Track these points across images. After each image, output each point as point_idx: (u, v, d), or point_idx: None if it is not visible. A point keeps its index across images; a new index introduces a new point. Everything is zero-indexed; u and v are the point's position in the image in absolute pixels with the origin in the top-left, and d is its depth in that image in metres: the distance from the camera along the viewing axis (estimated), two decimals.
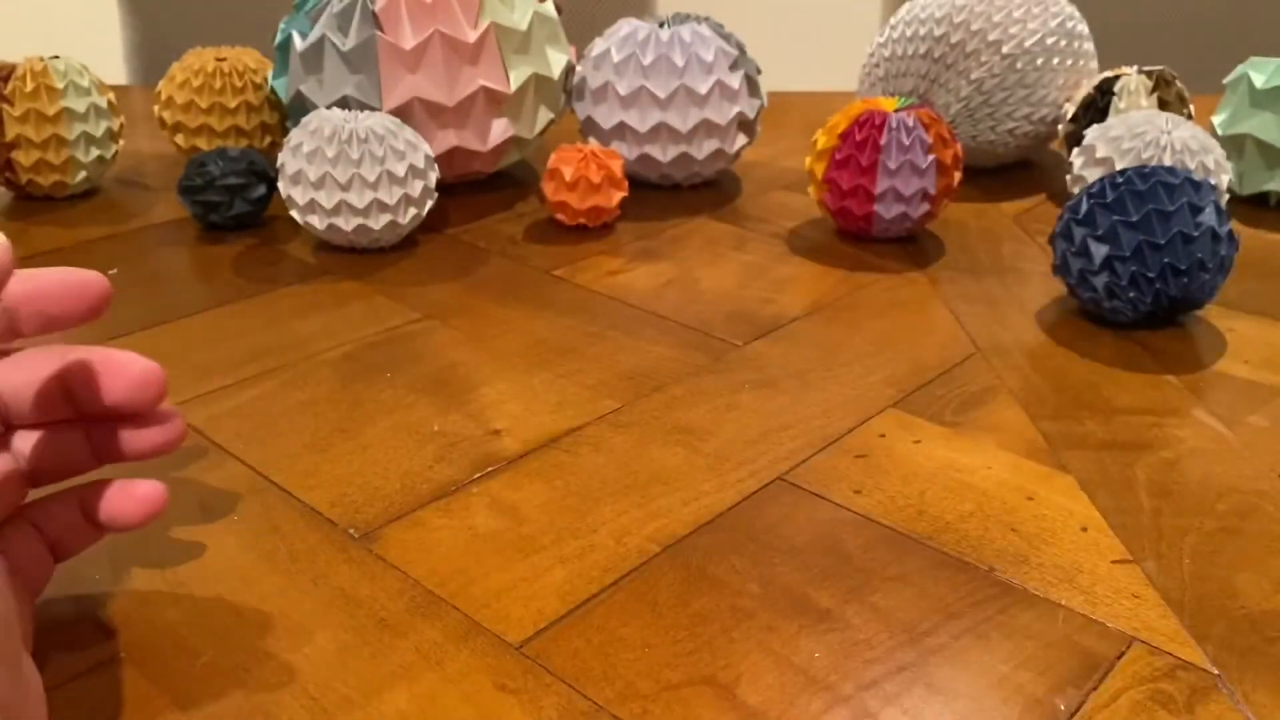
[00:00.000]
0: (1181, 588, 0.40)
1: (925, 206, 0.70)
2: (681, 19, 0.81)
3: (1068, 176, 0.74)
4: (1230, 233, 0.59)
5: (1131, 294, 0.58)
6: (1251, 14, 1.42)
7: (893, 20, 0.85)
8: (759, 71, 0.82)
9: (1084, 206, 0.59)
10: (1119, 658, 0.37)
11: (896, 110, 0.70)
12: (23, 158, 0.76)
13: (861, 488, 0.46)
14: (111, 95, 0.79)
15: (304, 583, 0.41)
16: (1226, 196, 0.71)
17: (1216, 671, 0.37)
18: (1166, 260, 0.57)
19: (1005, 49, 0.79)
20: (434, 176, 0.71)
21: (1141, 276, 0.57)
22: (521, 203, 0.81)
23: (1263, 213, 0.78)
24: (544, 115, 0.80)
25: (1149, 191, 0.58)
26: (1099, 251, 0.58)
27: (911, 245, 0.73)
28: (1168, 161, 0.68)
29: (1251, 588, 0.40)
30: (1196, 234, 0.57)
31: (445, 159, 0.77)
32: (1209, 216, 0.57)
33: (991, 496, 0.46)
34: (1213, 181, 0.68)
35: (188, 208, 0.73)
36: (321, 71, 0.75)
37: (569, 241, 0.73)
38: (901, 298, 0.65)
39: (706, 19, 0.81)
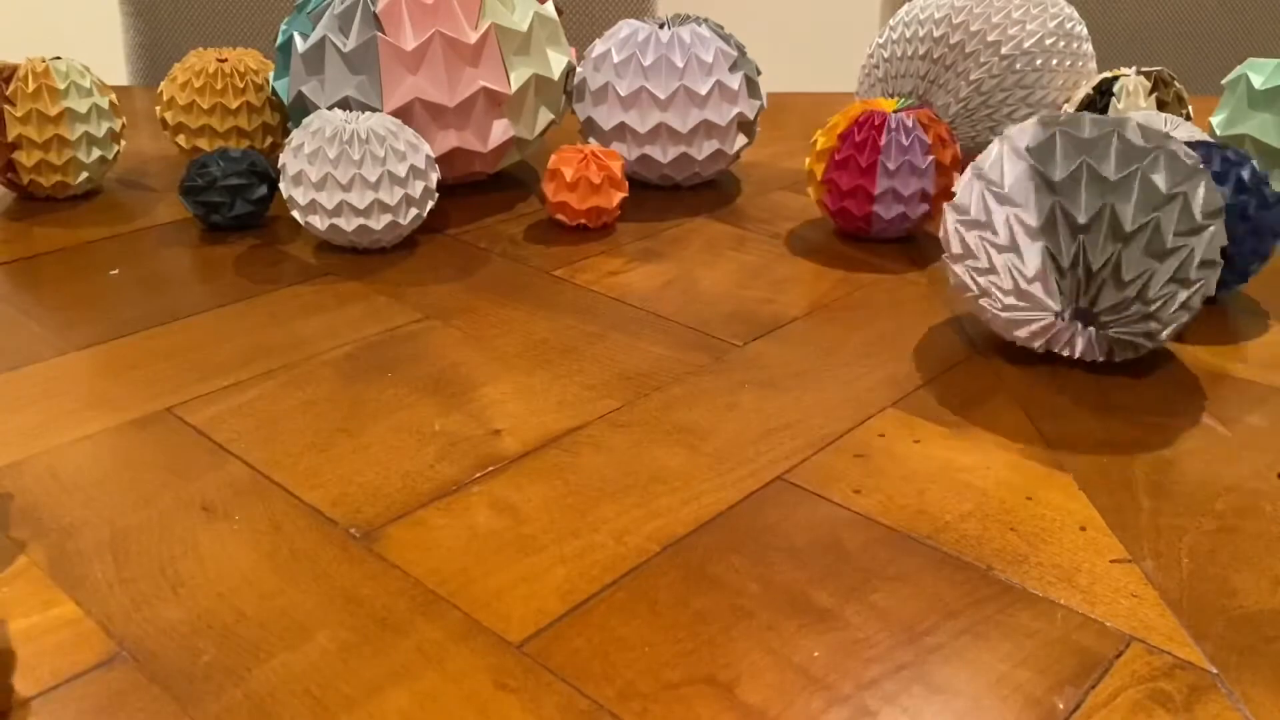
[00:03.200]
0: (1180, 587, 0.41)
1: (924, 207, 0.70)
2: (681, 20, 0.81)
3: None
4: (1272, 247, 0.60)
5: None
6: (1250, 15, 1.42)
7: (892, 21, 0.85)
8: (759, 72, 0.82)
9: None
10: (1117, 656, 0.37)
11: (896, 111, 0.70)
12: (25, 158, 0.76)
13: (861, 487, 0.47)
14: (113, 96, 0.80)
15: (305, 582, 0.41)
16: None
17: (1215, 670, 0.37)
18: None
19: (1004, 50, 0.79)
20: (435, 177, 0.71)
21: None
22: (522, 203, 0.81)
23: None
24: (544, 116, 0.80)
25: (1236, 161, 0.60)
26: None
27: (911, 245, 0.73)
28: None
29: (1249, 587, 0.40)
30: (1253, 216, 0.58)
31: (446, 160, 0.77)
32: (1274, 214, 0.59)
33: (990, 496, 0.46)
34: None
35: (189, 208, 0.73)
36: (323, 72, 0.75)
37: (569, 242, 0.73)
38: (901, 298, 0.65)
39: (706, 20, 0.81)
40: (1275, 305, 0.64)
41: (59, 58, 0.77)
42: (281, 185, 0.69)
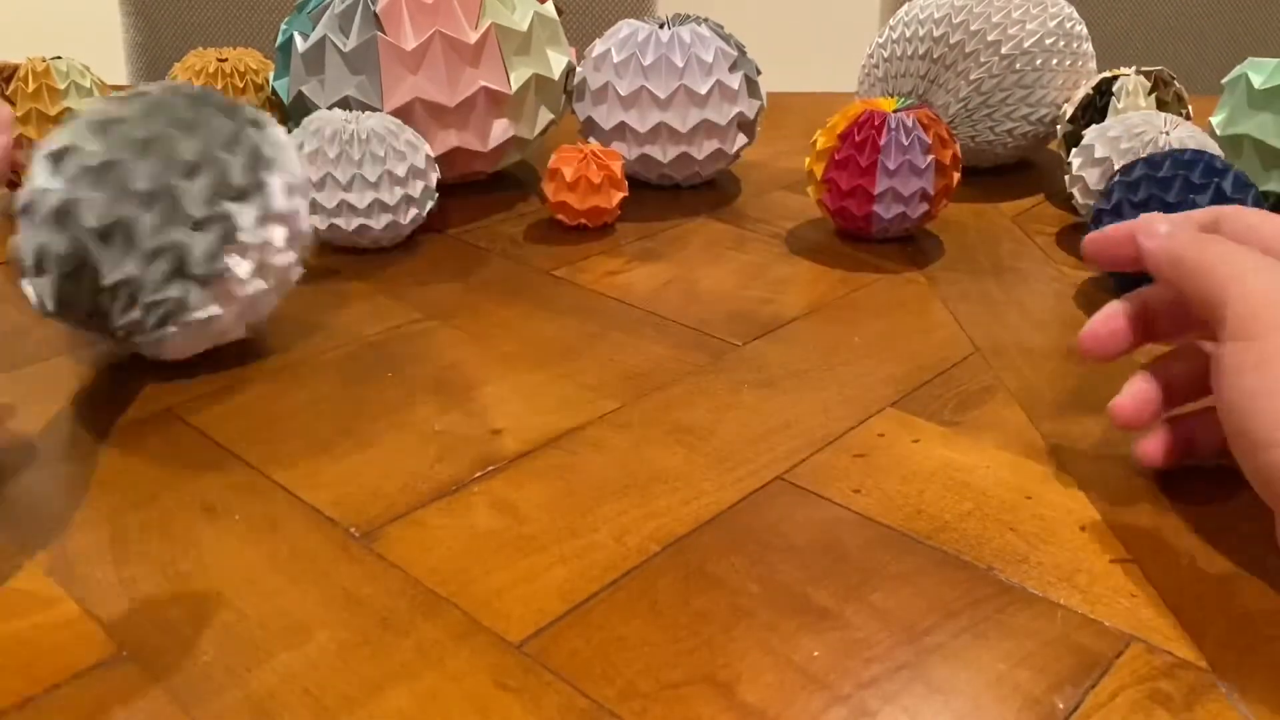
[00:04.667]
0: (1179, 586, 0.41)
1: (924, 207, 0.70)
2: (681, 20, 0.81)
3: (1066, 177, 0.74)
4: None
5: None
6: (1250, 14, 1.42)
7: (892, 21, 0.85)
8: (758, 72, 0.82)
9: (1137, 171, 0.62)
10: (1117, 656, 0.37)
11: (895, 111, 0.70)
12: (25, 158, 0.76)
13: (861, 487, 0.47)
14: None
15: (305, 582, 0.41)
16: None
17: (1214, 670, 0.37)
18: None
19: (1004, 49, 0.79)
20: (435, 177, 0.71)
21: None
22: (522, 203, 0.81)
23: None
24: (544, 116, 0.81)
25: (1188, 162, 0.60)
26: (1115, 197, 0.62)
27: (910, 245, 0.73)
28: None
29: (1249, 586, 0.40)
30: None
31: (446, 159, 0.77)
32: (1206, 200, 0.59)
33: (990, 496, 0.46)
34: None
35: None
36: (323, 72, 0.75)
37: (569, 242, 0.73)
38: (901, 298, 0.65)
39: (706, 20, 0.81)
40: None
41: (59, 57, 0.77)
42: None
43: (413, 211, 0.69)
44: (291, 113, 0.79)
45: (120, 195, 0.49)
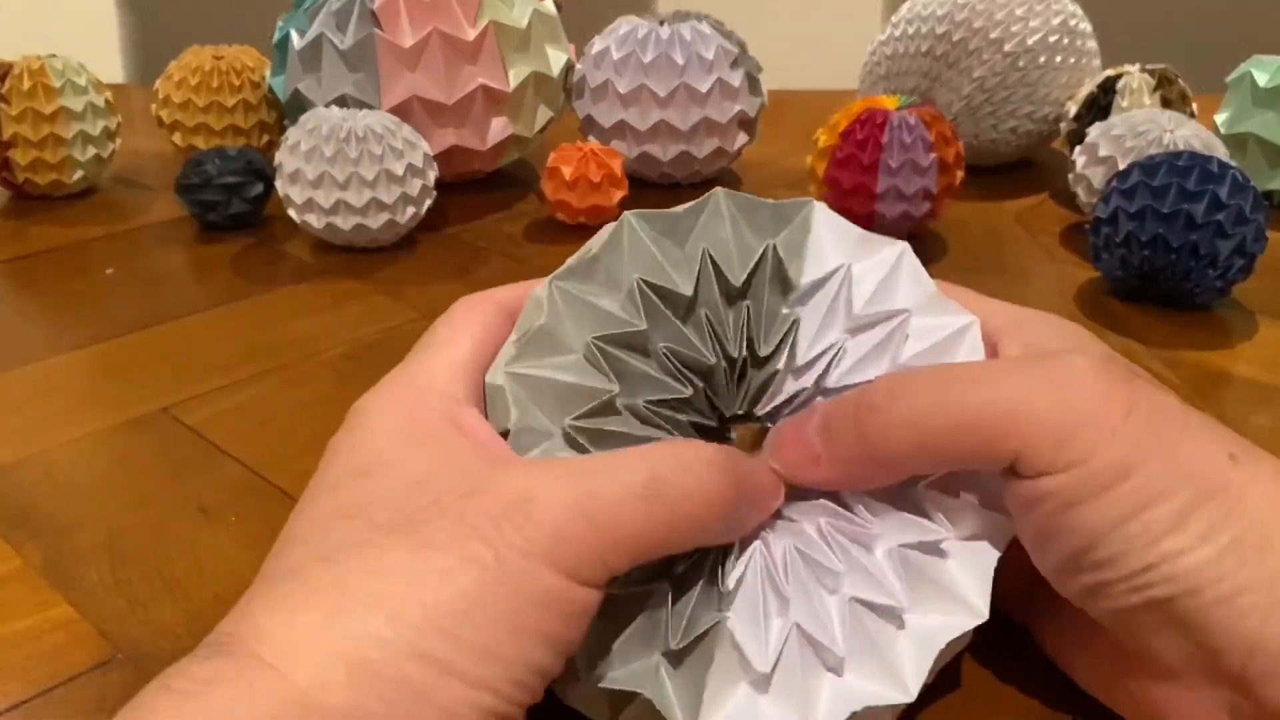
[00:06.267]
0: None
1: (927, 205, 0.70)
2: (682, 17, 0.80)
3: (1070, 175, 0.73)
4: (1243, 242, 0.58)
5: (1121, 252, 0.60)
6: (1254, 13, 1.42)
7: (894, 18, 0.85)
8: (759, 70, 0.82)
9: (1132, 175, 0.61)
10: None
11: (898, 108, 0.69)
12: (19, 156, 0.75)
13: None
14: (109, 94, 0.79)
15: None
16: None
17: None
18: (1161, 231, 0.58)
19: (1007, 47, 0.79)
20: (433, 175, 0.70)
21: (1135, 239, 0.59)
22: (521, 202, 0.80)
23: None
24: (543, 114, 0.80)
25: (1184, 169, 0.59)
26: (1111, 204, 0.61)
27: (913, 244, 0.72)
28: None
29: None
30: (1202, 222, 0.57)
31: (444, 158, 0.77)
32: (1225, 215, 0.57)
33: None
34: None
35: (185, 206, 0.73)
36: (320, 70, 0.75)
37: (569, 240, 0.73)
38: None
39: (707, 17, 0.80)
40: (1276, 305, 0.64)
41: (54, 55, 0.77)
42: (278, 183, 0.69)
43: (410, 210, 0.69)
44: (288, 111, 0.79)
45: None
